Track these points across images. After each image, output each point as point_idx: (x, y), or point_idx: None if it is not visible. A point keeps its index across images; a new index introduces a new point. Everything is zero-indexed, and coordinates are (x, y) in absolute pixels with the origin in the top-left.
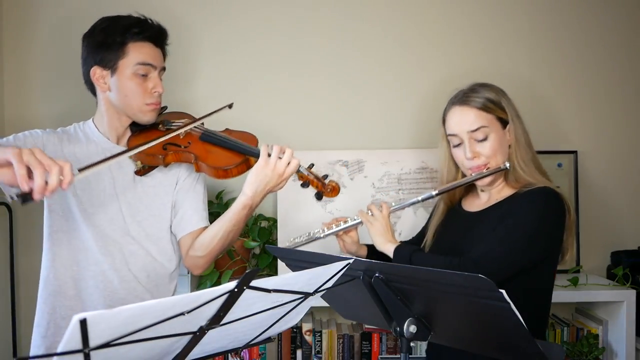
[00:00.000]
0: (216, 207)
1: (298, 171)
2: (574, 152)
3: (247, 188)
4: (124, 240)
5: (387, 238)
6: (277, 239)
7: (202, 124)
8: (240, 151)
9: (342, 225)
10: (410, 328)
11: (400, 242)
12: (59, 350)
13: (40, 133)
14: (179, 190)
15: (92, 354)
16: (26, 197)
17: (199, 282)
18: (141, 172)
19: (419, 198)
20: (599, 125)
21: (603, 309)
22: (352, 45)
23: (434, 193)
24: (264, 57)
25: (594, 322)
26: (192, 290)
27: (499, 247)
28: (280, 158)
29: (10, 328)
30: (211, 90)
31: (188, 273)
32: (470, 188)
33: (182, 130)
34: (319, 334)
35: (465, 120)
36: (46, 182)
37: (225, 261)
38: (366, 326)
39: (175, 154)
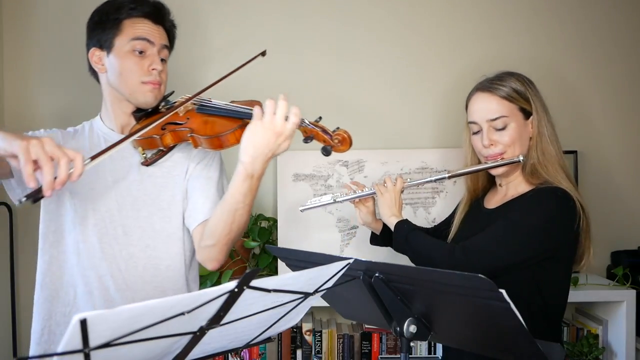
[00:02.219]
0: None
1: (301, 125)
2: (574, 152)
3: (242, 155)
4: (124, 241)
5: (393, 211)
6: (277, 239)
7: (210, 98)
8: (237, 116)
9: (359, 193)
10: (410, 328)
11: (405, 219)
12: (59, 350)
13: (43, 133)
14: (190, 178)
15: (92, 354)
16: (36, 196)
17: (199, 282)
18: (147, 162)
19: (432, 178)
20: (599, 125)
21: (603, 309)
22: (352, 45)
23: (446, 175)
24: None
25: (594, 322)
26: None
27: (492, 240)
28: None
29: (10, 328)
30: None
31: None
32: (493, 181)
33: (182, 107)
34: (319, 334)
35: (485, 107)
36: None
37: (225, 261)
38: (366, 326)
39: (172, 133)
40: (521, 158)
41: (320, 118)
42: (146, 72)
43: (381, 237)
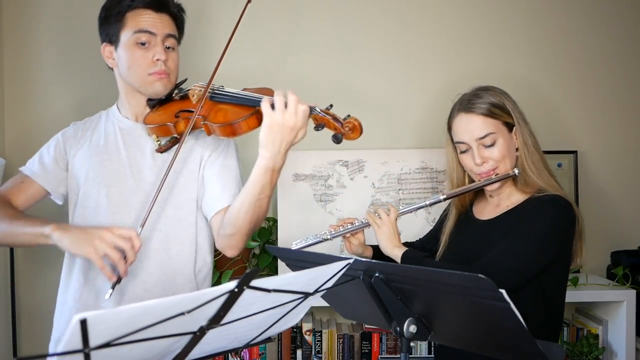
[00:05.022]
0: None
1: (312, 113)
2: (574, 152)
3: (262, 150)
4: (142, 233)
5: (394, 243)
6: (277, 239)
7: (222, 86)
8: (249, 103)
9: (350, 227)
10: (410, 328)
11: (408, 247)
12: (58, 350)
13: (60, 138)
14: (205, 166)
15: (93, 354)
16: (118, 282)
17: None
18: (161, 149)
19: (427, 202)
20: (599, 125)
21: (603, 309)
22: (352, 45)
23: (441, 198)
24: (262, 56)
25: (594, 322)
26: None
27: (509, 256)
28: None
29: (10, 328)
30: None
31: None
32: (479, 192)
33: (195, 96)
34: (319, 334)
35: (472, 127)
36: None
37: (225, 261)
38: (366, 326)
39: (186, 120)
40: (517, 171)
41: (331, 105)
42: (151, 63)
43: None
